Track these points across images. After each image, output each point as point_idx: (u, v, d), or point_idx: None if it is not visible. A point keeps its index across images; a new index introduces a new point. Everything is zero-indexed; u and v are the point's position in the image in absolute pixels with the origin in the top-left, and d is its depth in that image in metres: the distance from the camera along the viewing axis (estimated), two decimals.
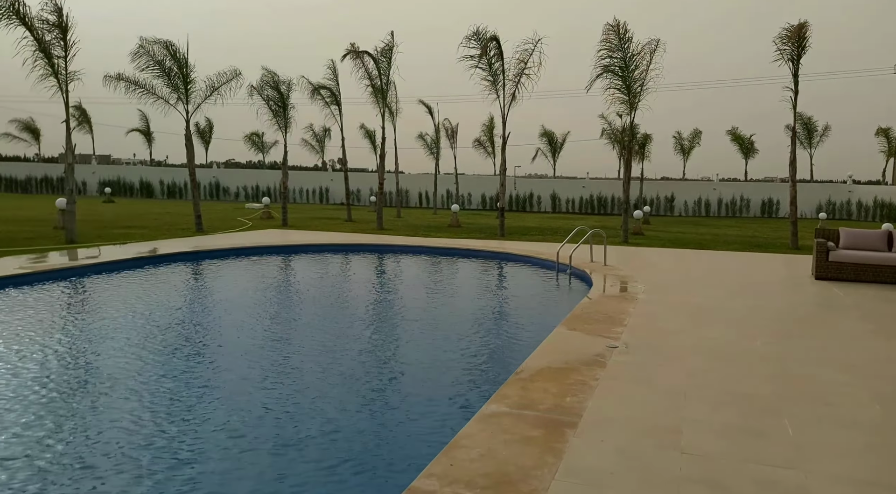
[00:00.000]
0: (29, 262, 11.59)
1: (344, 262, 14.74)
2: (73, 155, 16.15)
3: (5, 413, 4.87)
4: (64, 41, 15.24)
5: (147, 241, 16.02)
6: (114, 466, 4.06)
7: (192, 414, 5.05)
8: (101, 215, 24.79)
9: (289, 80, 23.87)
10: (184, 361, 6.56)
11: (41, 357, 6.38)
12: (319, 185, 43.39)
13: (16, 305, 8.80)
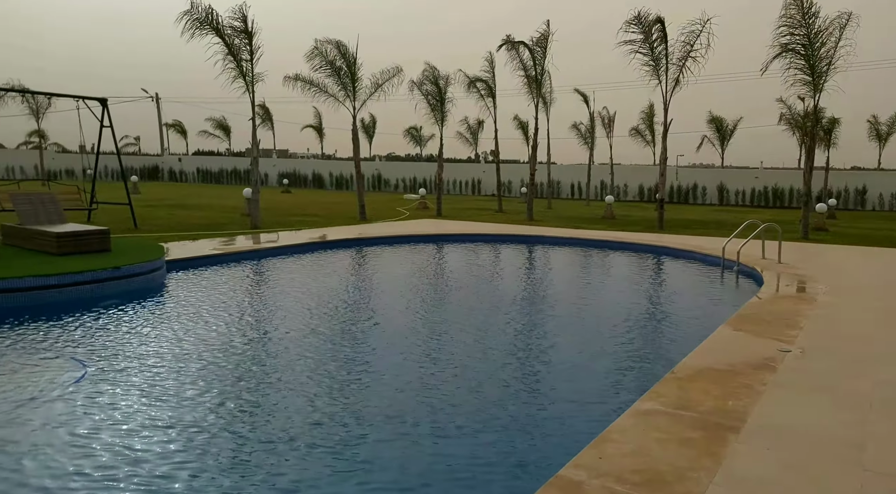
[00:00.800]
0: (221, 244, 13.17)
1: (495, 252, 14.94)
2: (257, 149, 18.02)
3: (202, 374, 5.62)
4: (250, 46, 17.00)
5: (317, 228, 17.45)
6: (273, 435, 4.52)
7: (348, 396, 5.46)
8: (279, 204, 27.38)
9: (447, 74, 24.57)
10: (345, 343, 7.09)
11: (226, 328, 7.26)
12: (472, 176, 44.23)
13: (212, 279, 10.05)
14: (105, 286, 8.47)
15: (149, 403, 4.89)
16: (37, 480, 3.69)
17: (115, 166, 38.24)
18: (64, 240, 9.33)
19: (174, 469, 3.86)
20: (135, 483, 3.70)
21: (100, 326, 7.09)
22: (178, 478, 3.77)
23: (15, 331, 6.73)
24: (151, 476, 3.77)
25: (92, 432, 4.36)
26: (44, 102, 34.79)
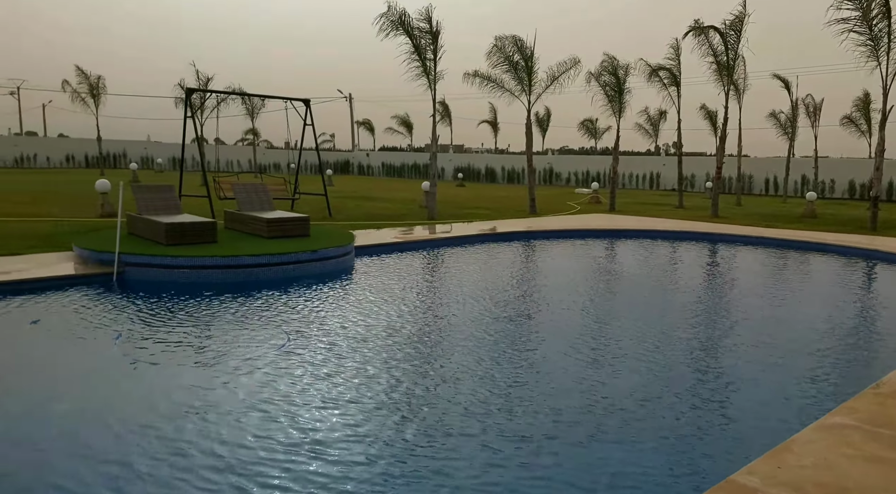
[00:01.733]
0: (401, 233, 14.14)
1: (672, 249, 14.24)
2: (436, 145, 18.97)
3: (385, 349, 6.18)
4: (434, 45, 17.90)
5: (489, 220, 17.95)
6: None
7: (516, 386, 5.65)
8: (454, 197, 28.51)
9: (626, 64, 23.74)
10: (512, 331, 7.31)
11: (405, 309, 7.85)
12: (650, 170, 42.21)
13: (394, 264, 10.88)
14: (304, 267, 9.57)
15: (337, 372, 5.51)
16: (250, 436, 4.38)
17: (313, 161, 42.48)
18: (273, 225, 10.69)
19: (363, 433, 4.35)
20: (329, 443, 4.23)
21: (300, 301, 8.06)
22: (360, 444, 4.24)
23: (236, 301, 7.92)
24: (346, 439, 4.29)
25: (287, 396, 5.03)
26: (258, 103, 39.67)
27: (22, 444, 4.07)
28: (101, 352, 6.02)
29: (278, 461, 3.87)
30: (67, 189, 24.73)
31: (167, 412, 4.55)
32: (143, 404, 4.74)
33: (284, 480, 3.66)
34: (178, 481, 3.60)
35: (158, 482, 3.59)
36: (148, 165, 48.74)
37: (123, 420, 4.41)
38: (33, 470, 3.71)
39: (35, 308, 7.26)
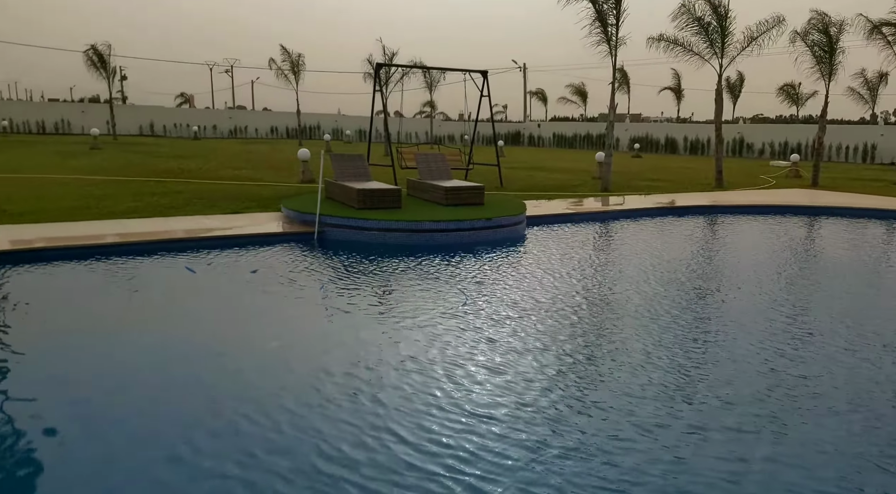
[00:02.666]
0: (572, 204, 14.02)
1: (889, 231, 12.51)
2: (614, 113, 18.34)
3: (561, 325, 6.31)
4: (617, 10, 17.17)
5: (667, 193, 17.07)
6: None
7: (691, 368, 5.47)
8: (629, 168, 27.42)
9: (840, 20, 20.83)
10: (687, 313, 7.01)
11: (574, 280, 7.88)
12: (864, 140, 36.90)
13: (565, 235, 10.89)
14: (479, 234, 9.96)
15: (505, 338, 5.76)
16: (437, 388, 4.79)
17: (484, 132, 43.23)
18: (451, 193, 11.21)
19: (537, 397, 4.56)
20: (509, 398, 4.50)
21: (474, 266, 8.45)
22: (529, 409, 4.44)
23: (417, 262, 8.52)
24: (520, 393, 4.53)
25: (468, 354, 5.38)
26: (437, 76, 41.11)
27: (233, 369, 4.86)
28: (305, 299, 6.87)
29: (434, 413, 4.21)
30: (273, 157, 27.82)
31: (346, 356, 5.12)
32: (334, 346, 5.38)
33: (447, 434, 3.98)
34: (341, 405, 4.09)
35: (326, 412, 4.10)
36: (337, 137, 52.95)
37: (314, 360, 5.06)
38: (233, 395, 4.43)
39: (253, 260, 8.43)
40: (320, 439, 3.75)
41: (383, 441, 3.75)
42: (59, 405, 4.19)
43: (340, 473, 3.41)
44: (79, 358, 5.08)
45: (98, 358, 5.09)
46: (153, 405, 4.23)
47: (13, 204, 11.41)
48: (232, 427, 3.88)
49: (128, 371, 4.79)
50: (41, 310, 6.19)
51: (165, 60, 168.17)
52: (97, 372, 4.81)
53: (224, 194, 14.03)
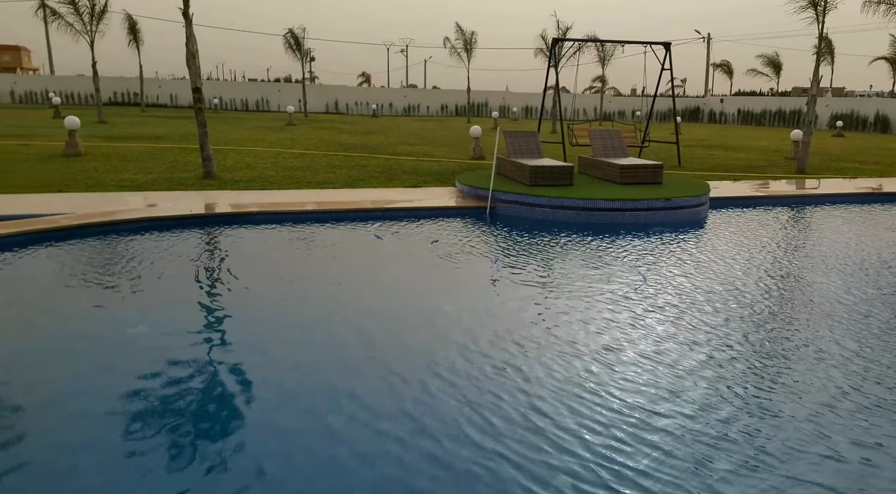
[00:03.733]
0: (760, 186, 12.91)
1: None
2: (817, 86, 16.45)
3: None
4: None
5: (877, 177, 15.05)
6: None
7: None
8: (828, 149, 24.50)
9: None
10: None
11: (757, 271, 7.32)
12: None
13: (752, 221, 10.12)
14: (656, 215, 9.61)
15: (680, 326, 5.57)
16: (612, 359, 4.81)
17: (659, 108, 40.95)
18: (626, 171, 10.90)
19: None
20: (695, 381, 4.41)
21: (649, 247, 8.20)
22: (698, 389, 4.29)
23: (588, 240, 8.47)
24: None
25: (633, 341, 5.30)
26: (610, 50, 39.59)
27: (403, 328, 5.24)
28: (476, 271, 7.18)
29: (583, 397, 4.21)
30: (443, 134, 28.80)
31: (508, 329, 5.28)
32: (498, 318, 5.59)
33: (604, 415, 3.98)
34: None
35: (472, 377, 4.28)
36: (504, 114, 53.29)
37: (480, 329, 5.29)
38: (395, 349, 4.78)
39: (432, 230, 8.93)
40: (466, 404, 3.98)
41: (529, 418, 3.89)
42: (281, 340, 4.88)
43: (478, 441, 3.60)
44: (289, 303, 5.83)
45: (302, 306, 5.81)
46: (330, 351, 4.75)
47: (229, 173, 13.10)
48: (387, 385, 4.25)
49: (313, 319, 5.41)
50: (263, 265, 7.14)
51: (348, 41, 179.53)
52: (295, 316, 5.49)
53: (402, 169, 14.89)
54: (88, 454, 3.35)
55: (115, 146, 17.36)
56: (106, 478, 3.17)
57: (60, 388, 4.10)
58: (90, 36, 27.80)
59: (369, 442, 3.51)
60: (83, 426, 3.63)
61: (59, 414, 3.76)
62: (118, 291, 6.08)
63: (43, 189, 10.37)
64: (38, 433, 3.55)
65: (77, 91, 45.91)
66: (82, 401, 3.91)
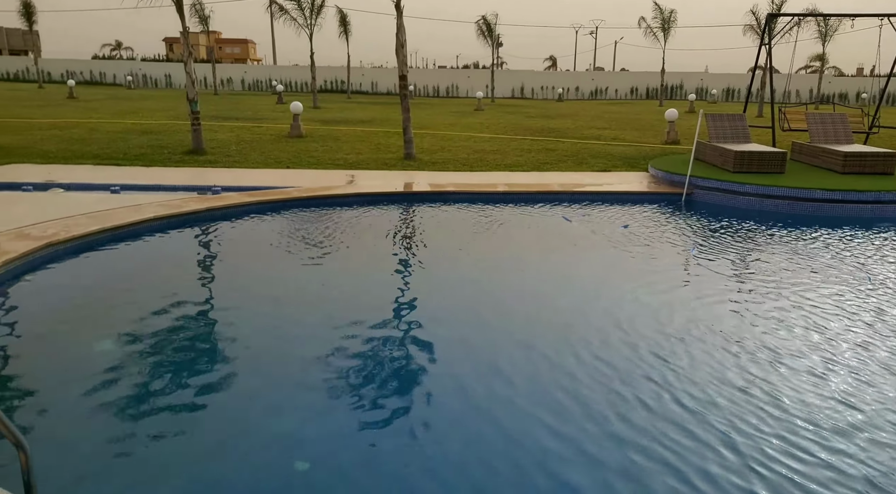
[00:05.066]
0: None
1: None
2: None
3: None
4: None
5: None
6: None
7: None
8: None
9: None
10: None
11: None
12: None
13: None
14: (884, 209, 8.52)
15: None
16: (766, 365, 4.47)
17: (893, 90, 35.34)
18: (850, 159, 9.75)
19: None
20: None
21: (872, 245, 7.32)
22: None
23: (800, 233, 7.78)
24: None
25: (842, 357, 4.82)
26: (834, 24, 34.92)
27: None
28: (667, 259, 6.97)
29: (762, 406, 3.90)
30: (633, 118, 27.73)
31: (697, 323, 5.06)
32: (690, 309, 5.38)
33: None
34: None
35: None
36: (701, 96, 49.66)
37: (672, 318, 5.14)
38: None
39: (622, 215, 8.81)
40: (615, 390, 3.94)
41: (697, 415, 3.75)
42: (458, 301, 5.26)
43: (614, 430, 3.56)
44: (481, 280, 6.21)
45: (491, 282, 6.15)
46: (501, 318, 4.97)
47: (426, 155, 13.98)
48: (534, 365, 4.34)
49: (500, 294, 5.68)
50: (456, 240, 7.66)
51: (536, 26, 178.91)
52: (483, 291, 5.83)
53: (590, 153, 14.72)
54: (294, 393, 3.97)
55: (328, 129, 19.32)
56: (304, 416, 3.75)
57: (275, 330, 4.86)
58: (309, 29, 30.99)
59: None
60: (293, 367, 4.28)
61: (272, 354, 4.47)
62: (331, 253, 6.92)
63: (275, 165, 11.97)
64: (257, 370, 4.28)
65: (294, 79, 51.45)
66: (296, 343, 4.60)
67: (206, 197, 8.77)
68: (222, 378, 4.09)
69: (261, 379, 4.07)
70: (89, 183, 9.54)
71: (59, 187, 9.24)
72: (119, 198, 8.55)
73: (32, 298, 5.44)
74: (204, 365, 4.29)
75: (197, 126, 13.16)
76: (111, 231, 6.90)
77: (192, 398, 3.79)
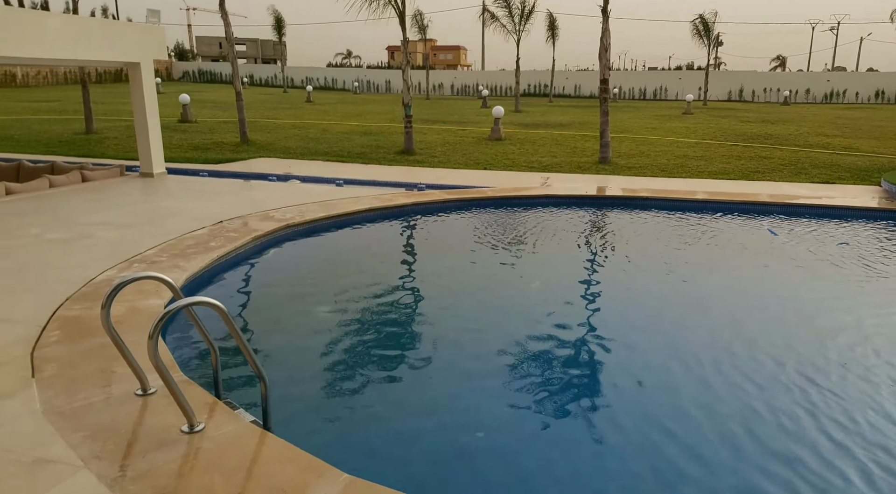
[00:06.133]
0: None
1: None
2: None
3: None
4: None
5: None
6: None
7: None
8: None
9: None
10: None
11: None
12: None
13: None
14: None
15: None
16: None
17: None
18: None
19: None
20: None
21: None
22: None
23: None
24: None
25: None
26: None
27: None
28: (881, 285, 6.19)
29: None
30: (875, 124, 24.22)
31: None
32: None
33: None
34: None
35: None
36: None
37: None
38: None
39: (842, 232, 7.96)
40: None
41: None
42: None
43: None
44: (673, 290, 6.13)
45: (688, 295, 6.03)
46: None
47: (623, 159, 13.77)
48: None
49: (698, 308, 5.53)
50: (647, 246, 7.59)
51: (762, 23, 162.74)
52: (679, 304, 5.73)
53: (812, 162, 13.33)
54: (482, 369, 4.34)
55: (527, 133, 19.84)
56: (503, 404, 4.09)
57: (468, 313, 5.31)
58: (517, 34, 31.88)
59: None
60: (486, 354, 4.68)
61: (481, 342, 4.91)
62: (521, 252, 7.29)
63: (474, 166, 12.72)
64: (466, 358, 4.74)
65: (499, 83, 53.13)
66: (497, 332, 5.01)
67: (413, 193, 9.70)
68: (418, 348, 4.68)
69: (454, 353, 4.58)
70: (319, 176, 11.06)
71: (295, 179, 10.86)
72: (342, 190, 9.81)
73: (272, 267, 6.60)
74: (404, 336, 4.93)
75: (409, 129, 14.45)
76: (335, 218, 8.01)
77: (391, 362, 4.40)
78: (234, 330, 3.03)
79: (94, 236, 6.61)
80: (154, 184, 9.92)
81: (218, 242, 6.43)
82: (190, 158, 12.77)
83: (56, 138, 15.91)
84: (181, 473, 2.65)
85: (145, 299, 4.64)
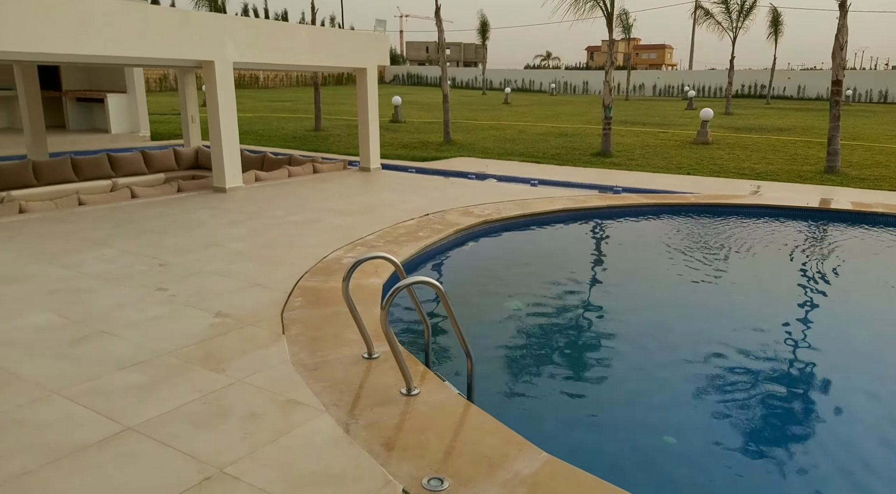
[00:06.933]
0: None
1: None
2: None
3: None
4: None
5: None
6: None
7: None
8: None
9: None
10: None
11: None
12: None
13: None
14: None
15: None
16: None
17: None
18: None
19: None
20: None
21: None
22: None
23: None
24: None
25: None
26: None
27: None
28: None
29: None
30: None
31: None
32: None
33: None
34: None
35: None
36: None
37: None
38: None
39: None
40: None
41: None
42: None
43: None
44: None
45: None
46: None
47: (854, 169, 12.21)
48: None
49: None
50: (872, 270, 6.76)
51: None
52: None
53: None
54: (671, 376, 4.24)
55: (738, 136, 18.39)
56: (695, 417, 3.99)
57: (656, 318, 5.18)
58: (734, 32, 29.54)
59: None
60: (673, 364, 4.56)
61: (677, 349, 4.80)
62: (724, 262, 6.89)
63: (675, 171, 12.18)
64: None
65: (707, 84, 49.53)
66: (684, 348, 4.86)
67: (608, 195, 9.61)
68: (604, 348, 4.74)
69: (641, 356, 4.57)
70: (514, 176, 11.41)
71: (492, 178, 11.34)
72: (536, 190, 10.05)
73: (470, 259, 7.04)
74: (591, 334, 5.02)
75: (608, 130, 14.25)
76: (529, 217, 8.26)
77: (579, 361, 4.53)
78: (449, 309, 3.38)
79: (323, 220, 7.60)
80: (371, 177, 11.02)
81: (425, 232, 7.02)
82: (399, 156, 13.92)
83: (291, 134, 18.29)
84: (401, 428, 3.05)
85: (367, 278, 5.27)
